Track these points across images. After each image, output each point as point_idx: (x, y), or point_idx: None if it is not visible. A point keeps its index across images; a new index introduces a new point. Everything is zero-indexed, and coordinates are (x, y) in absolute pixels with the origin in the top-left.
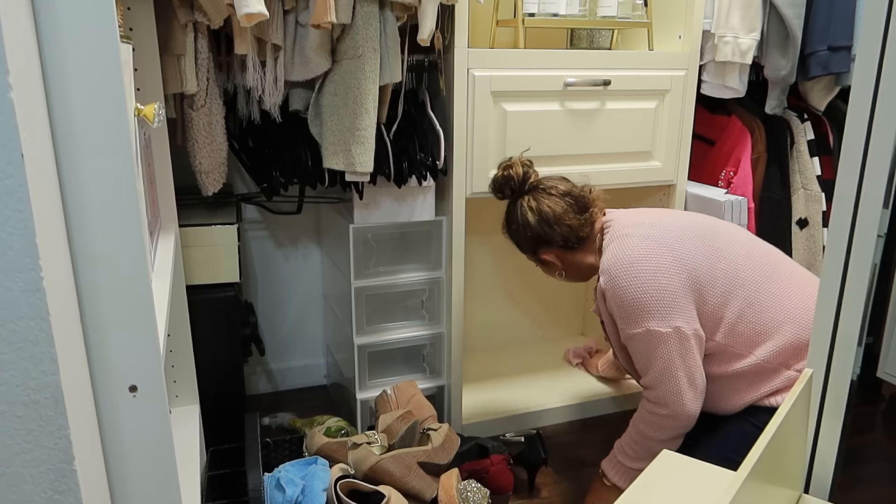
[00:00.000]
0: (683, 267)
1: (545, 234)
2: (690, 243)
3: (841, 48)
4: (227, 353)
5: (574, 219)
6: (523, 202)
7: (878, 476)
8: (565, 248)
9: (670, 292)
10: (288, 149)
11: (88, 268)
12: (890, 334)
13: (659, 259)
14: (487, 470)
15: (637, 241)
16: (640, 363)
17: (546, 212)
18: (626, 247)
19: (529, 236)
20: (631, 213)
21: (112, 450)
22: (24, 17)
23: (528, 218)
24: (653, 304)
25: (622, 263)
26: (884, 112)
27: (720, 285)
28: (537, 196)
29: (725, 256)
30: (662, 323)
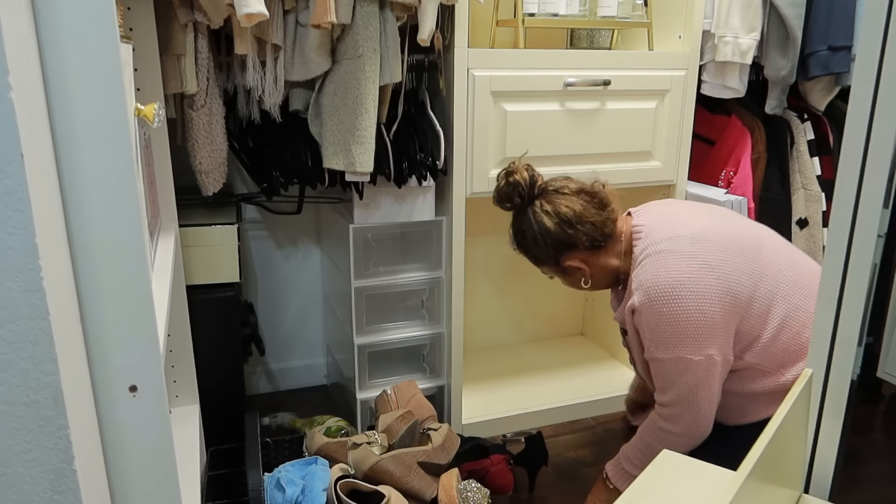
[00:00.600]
0: (726, 290)
1: (568, 236)
2: (734, 262)
3: (841, 48)
4: (227, 353)
5: (596, 214)
6: (536, 208)
7: (878, 476)
8: (591, 249)
9: (710, 320)
10: (288, 149)
11: (88, 268)
12: (890, 334)
13: (702, 284)
14: (487, 470)
15: (679, 260)
16: (660, 382)
17: (565, 212)
18: (668, 267)
19: (550, 243)
20: (664, 219)
21: (112, 450)
22: (24, 17)
23: (546, 223)
24: (689, 333)
25: (663, 287)
26: (884, 112)
27: (759, 305)
28: (550, 199)
29: (767, 274)
30: (695, 351)
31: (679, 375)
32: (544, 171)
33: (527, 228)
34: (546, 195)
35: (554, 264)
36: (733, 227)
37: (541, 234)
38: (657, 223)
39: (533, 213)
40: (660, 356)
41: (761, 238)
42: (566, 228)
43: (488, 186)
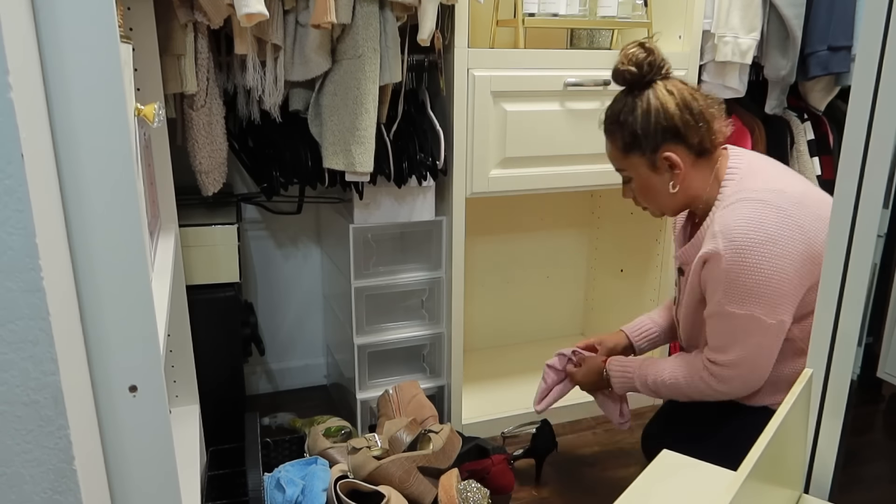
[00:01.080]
0: (812, 257)
1: (684, 125)
2: (822, 232)
3: (841, 48)
4: (227, 353)
5: (716, 116)
6: (659, 86)
7: (878, 476)
8: (694, 153)
9: (791, 284)
10: (288, 149)
11: (88, 268)
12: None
13: (793, 245)
14: (488, 470)
15: (775, 214)
16: (720, 340)
17: (689, 100)
18: (762, 218)
19: (662, 126)
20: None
21: (112, 450)
22: (24, 17)
23: (669, 103)
24: (769, 293)
25: (754, 238)
26: (884, 112)
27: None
28: (674, 82)
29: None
30: (770, 313)
31: (746, 336)
32: (544, 172)
33: (641, 104)
34: (670, 80)
35: (651, 152)
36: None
37: (656, 112)
38: (754, 170)
39: (655, 89)
40: (732, 310)
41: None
42: (685, 114)
43: (488, 186)
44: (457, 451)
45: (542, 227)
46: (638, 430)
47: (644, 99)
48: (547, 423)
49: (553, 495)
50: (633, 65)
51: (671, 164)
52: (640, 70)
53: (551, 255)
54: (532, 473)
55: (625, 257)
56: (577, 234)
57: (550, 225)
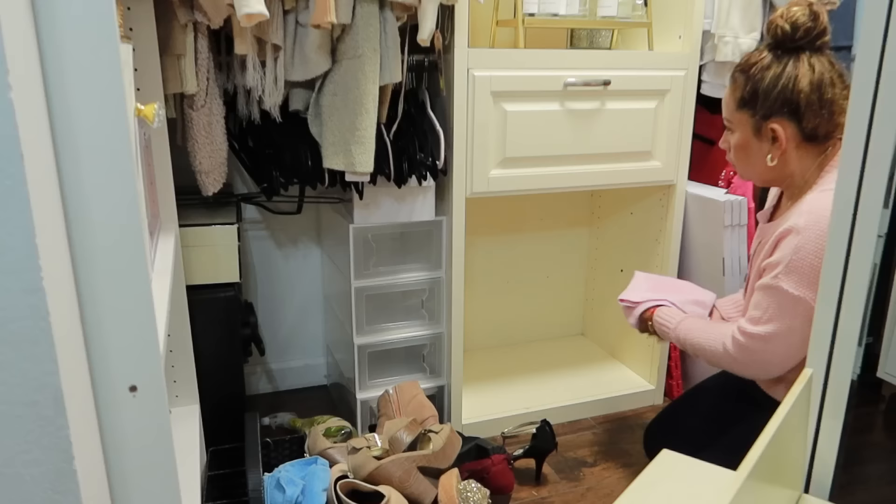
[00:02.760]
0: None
1: (807, 105)
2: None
3: (841, 48)
4: (227, 353)
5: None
6: (805, 57)
7: (878, 476)
8: (803, 136)
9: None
10: (288, 149)
11: (88, 268)
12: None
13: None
14: (488, 470)
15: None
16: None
17: (826, 84)
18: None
19: (787, 97)
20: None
21: (112, 450)
22: (24, 17)
23: (804, 78)
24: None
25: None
26: (884, 112)
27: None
28: (822, 60)
29: None
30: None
31: (790, 316)
32: (544, 172)
33: (779, 67)
34: (822, 53)
35: (762, 118)
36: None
37: (786, 82)
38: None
39: (799, 60)
40: (787, 288)
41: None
42: (813, 96)
43: (488, 186)
44: (457, 451)
45: (542, 227)
46: (638, 429)
47: (783, 63)
48: (547, 423)
49: (553, 495)
50: (790, 24)
51: (775, 137)
52: (795, 33)
53: (551, 255)
54: (532, 473)
55: (625, 257)
56: (577, 234)
57: (550, 225)
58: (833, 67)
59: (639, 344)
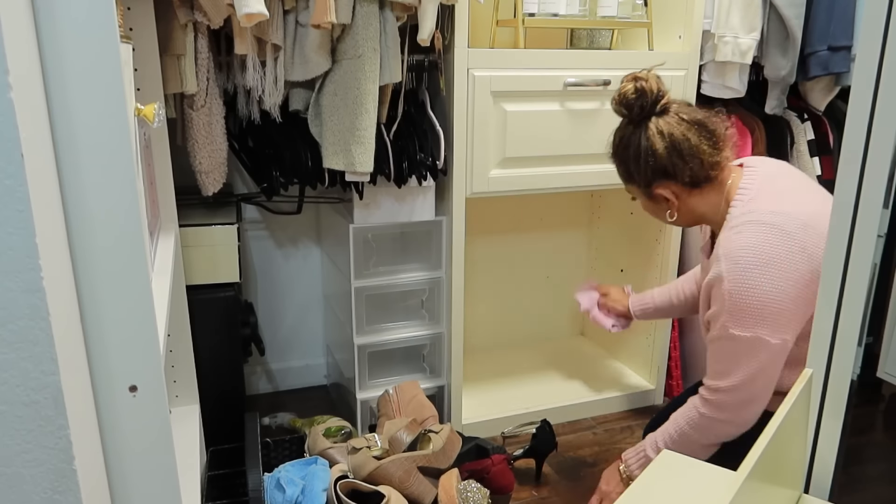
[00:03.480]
0: (815, 276)
1: (672, 165)
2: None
3: (841, 48)
4: (227, 353)
5: (708, 153)
6: (651, 125)
7: (878, 476)
8: (689, 186)
9: (795, 304)
10: (288, 149)
11: (88, 268)
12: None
13: (796, 266)
14: (488, 470)
15: (777, 236)
16: (722, 365)
17: (680, 140)
18: (767, 240)
19: (651, 165)
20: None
21: (112, 450)
22: (24, 17)
23: (657, 145)
24: (774, 313)
25: (758, 258)
26: (884, 112)
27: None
28: (668, 120)
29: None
30: (774, 333)
31: (750, 358)
32: (544, 172)
33: (633, 142)
34: (666, 115)
35: (644, 186)
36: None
37: (646, 154)
38: (766, 191)
39: (646, 130)
40: (737, 333)
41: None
42: (674, 157)
43: (488, 186)
44: (457, 451)
45: (542, 227)
46: (638, 429)
47: (636, 137)
48: (547, 423)
49: (553, 495)
50: (624, 107)
51: (665, 198)
52: (631, 112)
53: (551, 255)
54: (532, 473)
55: (625, 257)
56: (577, 234)
57: (550, 225)
58: (682, 120)
59: (638, 344)
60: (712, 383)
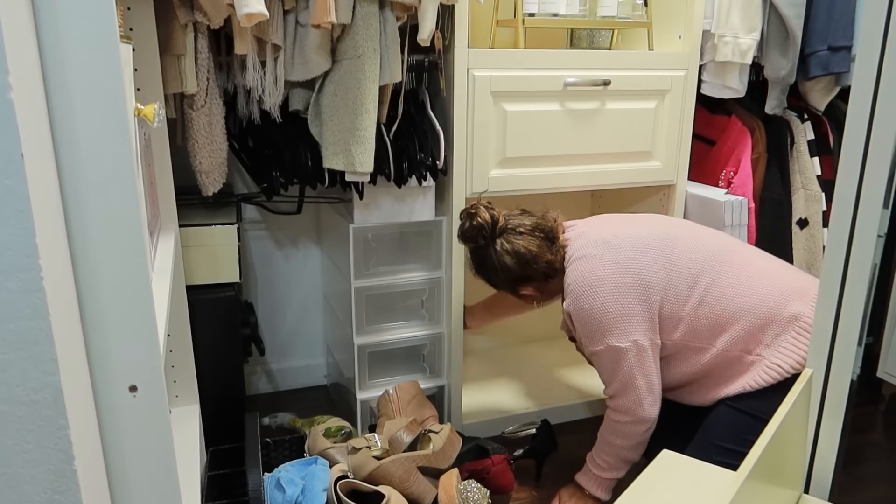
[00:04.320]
0: (638, 282)
1: (525, 273)
2: (646, 258)
3: (841, 48)
4: (227, 353)
5: (548, 253)
6: (497, 247)
7: (878, 476)
8: (544, 280)
9: (627, 309)
10: (288, 149)
11: (88, 268)
12: (890, 334)
13: (614, 279)
14: (488, 470)
15: (595, 262)
16: (604, 376)
17: (523, 253)
18: (585, 269)
19: (509, 277)
20: (588, 229)
21: (112, 450)
22: (24, 17)
23: (506, 261)
24: (612, 322)
25: (582, 286)
26: (884, 112)
27: (676, 290)
28: (509, 238)
29: (678, 262)
30: (621, 338)
31: (615, 364)
32: (544, 171)
33: (487, 261)
34: (506, 234)
35: (510, 291)
36: (651, 229)
37: (501, 269)
38: (580, 233)
39: (494, 251)
40: (594, 349)
41: (672, 234)
42: (524, 267)
43: (488, 186)
44: (457, 451)
45: None
46: None
47: (488, 257)
48: (547, 423)
49: (553, 495)
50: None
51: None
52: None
53: None
54: (532, 473)
55: None
56: None
57: None
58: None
59: None
60: (605, 392)
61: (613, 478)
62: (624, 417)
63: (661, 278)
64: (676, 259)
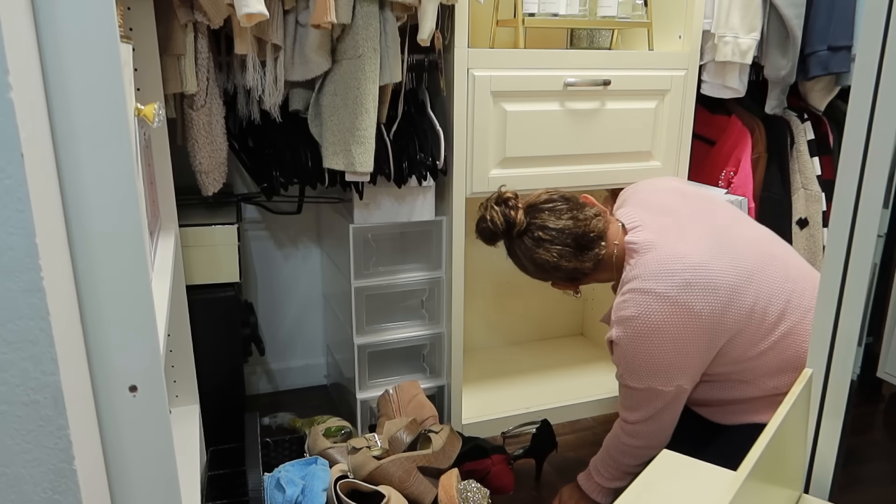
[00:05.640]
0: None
1: (546, 276)
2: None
3: (841, 48)
4: (227, 353)
5: (575, 261)
6: (516, 248)
7: (878, 476)
8: (571, 281)
9: (684, 359)
10: (288, 149)
11: (88, 268)
12: (890, 334)
13: (683, 328)
14: (488, 470)
15: (664, 305)
16: (627, 403)
17: (542, 262)
18: (651, 310)
19: (533, 273)
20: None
21: (112, 450)
22: (24, 17)
23: (525, 263)
24: (663, 370)
25: (644, 329)
26: (884, 112)
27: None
28: (527, 244)
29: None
30: (666, 383)
31: (648, 401)
32: (544, 171)
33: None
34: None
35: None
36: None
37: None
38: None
39: (513, 251)
40: (632, 385)
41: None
42: (542, 273)
43: (488, 186)
44: (457, 451)
45: None
46: None
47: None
48: (547, 423)
49: (553, 495)
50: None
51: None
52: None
53: None
54: (532, 473)
55: None
56: None
57: None
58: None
59: None
60: (625, 415)
61: (615, 487)
62: (638, 442)
63: (739, 323)
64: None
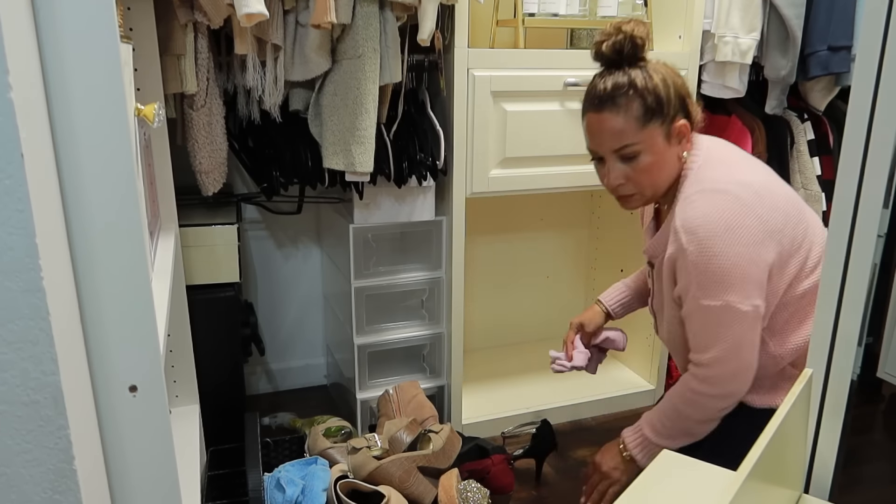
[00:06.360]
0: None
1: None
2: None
3: (841, 48)
4: (227, 353)
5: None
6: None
7: (878, 476)
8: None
9: (759, 269)
10: (288, 149)
11: (88, 268)
12: (890, 334)
13: (754, 232)
14: (488, 470)
15: (732, 203)
16: (701, 339)
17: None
18: (722, 207)
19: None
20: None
21: (112, 450)
22: (24, 17)
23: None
24: (738, 279)
25: (716, 227)
26: (884, 112)
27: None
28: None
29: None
30: (744, 300)
31: (725, 328)
32: (544, 172)
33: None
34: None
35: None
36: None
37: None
38: (712, 160)
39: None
40: (707, 303)
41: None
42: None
43: (488, 186)
44: (457, 451)
45: (542, 227)
46: None
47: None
48: (547, 423)
49: (553, 495)
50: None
51: (681, 134)
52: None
53: (551, 255)
54: (532, 473)
55: (625, 257)
56: (577, 234)
57: (550, 225)
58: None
59: (639, 344)
60: (696, 357)
61: (664, 446)
62: (712, 390)
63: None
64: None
